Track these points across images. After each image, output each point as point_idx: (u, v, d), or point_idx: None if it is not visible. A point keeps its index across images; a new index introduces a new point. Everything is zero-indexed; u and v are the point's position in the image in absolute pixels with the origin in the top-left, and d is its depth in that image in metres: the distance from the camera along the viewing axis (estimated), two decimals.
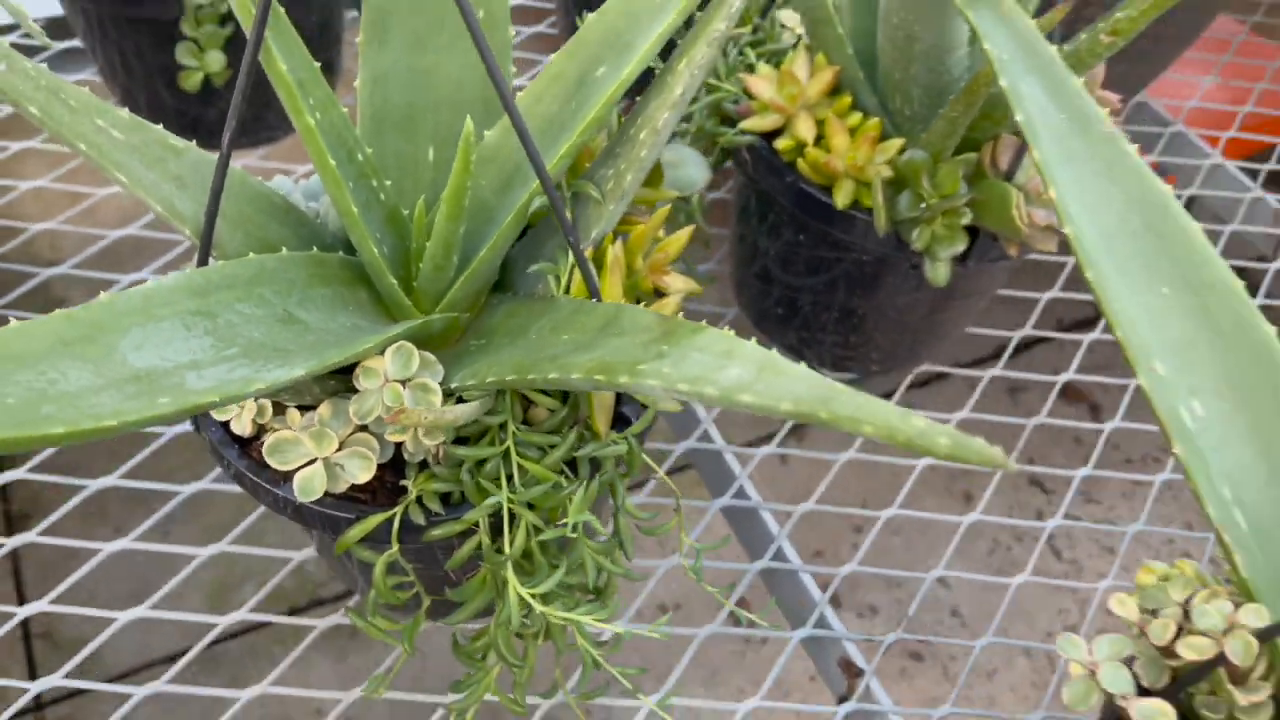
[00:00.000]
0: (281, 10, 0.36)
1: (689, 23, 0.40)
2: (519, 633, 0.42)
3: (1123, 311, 0.34)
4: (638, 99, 0.42)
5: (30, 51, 0.79)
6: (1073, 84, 0.36)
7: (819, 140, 0.52)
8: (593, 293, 0.39)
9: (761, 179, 0.55)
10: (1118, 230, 0.35)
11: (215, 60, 0.59)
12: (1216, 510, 0.33)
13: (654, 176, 0.46)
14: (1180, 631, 0.34)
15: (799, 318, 0.61)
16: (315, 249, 0.41)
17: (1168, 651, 0.34)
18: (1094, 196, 0.35)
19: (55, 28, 0.80)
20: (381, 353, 0.38)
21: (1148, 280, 0.35)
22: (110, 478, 0.56)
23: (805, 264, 0.57)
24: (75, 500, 0.55)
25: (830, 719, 0.50)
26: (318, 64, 0.38)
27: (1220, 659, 0.33)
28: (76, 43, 0.77)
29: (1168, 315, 0.35)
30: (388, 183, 0.42)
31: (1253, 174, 0.80)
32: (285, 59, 0.35)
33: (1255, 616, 0.32)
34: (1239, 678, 0.33)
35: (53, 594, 0.52)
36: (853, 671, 0.52)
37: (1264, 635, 0.32)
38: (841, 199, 0.51)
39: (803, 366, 0.27)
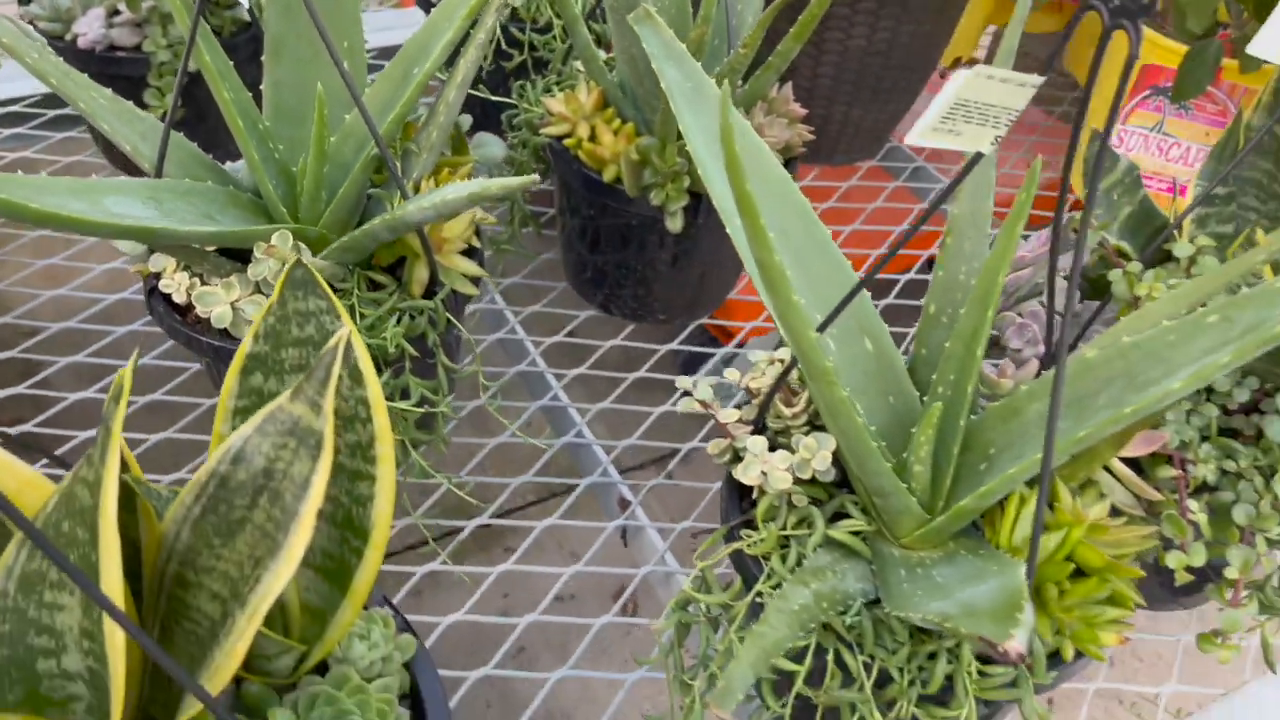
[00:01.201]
0: (209, 28, 0.58)
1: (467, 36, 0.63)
2: None
3: (718, 190, 0.56)
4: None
5: (34, 116, 1.02)
6: (695, 66, 0.59)
7: (593, 138, 0.76)
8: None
9: (560, 168, 0.78)
10: (716, 145, 0.58)
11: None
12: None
13: (462, 148, 0.68)
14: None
15: (605, 281, 0.83)
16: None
17: (753, 394, 0.55)
18: (704, 128, 0.58)
19: (52, 99, 1.03)
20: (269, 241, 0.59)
21: None
22: None
23: (599, 234, 0.80)
24: None
25: None
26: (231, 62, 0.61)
27: (775, 388, 0.54)
28: (69, 110, 1.01)
29: None
30: (281, 147, 0.64)
31: None
32: (210, 55, 0.58)
33: (784, 355, 0.53)
34: (789, 402, 0.54)
35: None
36: (623, 506, 0.72)
37: (786, 370, 0.53)
38: (607, 176, 0.74)
39: (475, 183, 0.49)
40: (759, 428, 0.55)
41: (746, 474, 0.51)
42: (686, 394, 0.54)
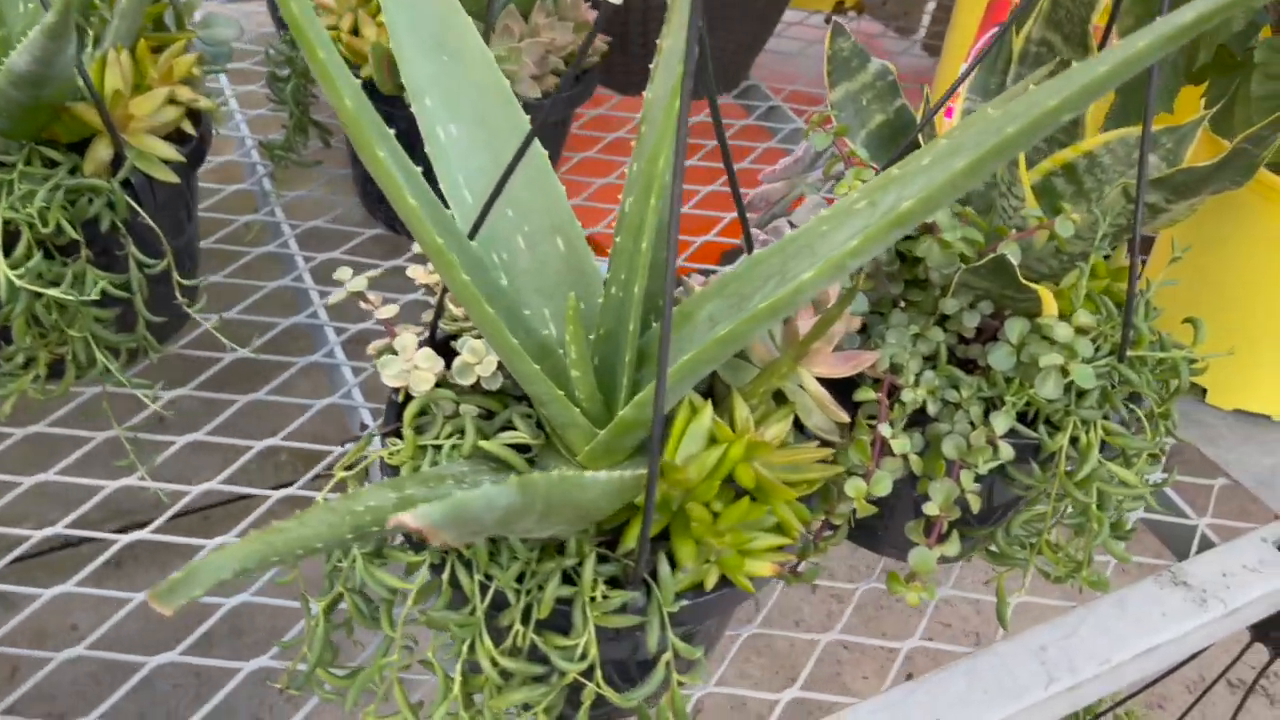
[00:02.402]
0: None
1: None
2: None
3: (412, 71, 0.51)
4: None
5: None
6: None
7: (356, 32, 0.70)
8: (87, 83, 0.55)
9: None
10: (420, 26, 0.52)
11: None
12: (450, 189, 0.49)
13: (181, 25, 0.62)
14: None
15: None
16: None
17: (432, 290, 0.50)
18: (408, 13, 0.52)
19: None
20: None
21: (434, 54, 0.51)
22: None
23: None
24: None
25: None
26: None
27: (440, 300, 0.48)
28: None
29: (444, 75, 0.51)
30: None
31: None
32: None
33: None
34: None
35: None
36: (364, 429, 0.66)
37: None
38: (365, 72, 0.68)
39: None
40: (434, 330, 0.50)
41: (386, 372, 0.45)
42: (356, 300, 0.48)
